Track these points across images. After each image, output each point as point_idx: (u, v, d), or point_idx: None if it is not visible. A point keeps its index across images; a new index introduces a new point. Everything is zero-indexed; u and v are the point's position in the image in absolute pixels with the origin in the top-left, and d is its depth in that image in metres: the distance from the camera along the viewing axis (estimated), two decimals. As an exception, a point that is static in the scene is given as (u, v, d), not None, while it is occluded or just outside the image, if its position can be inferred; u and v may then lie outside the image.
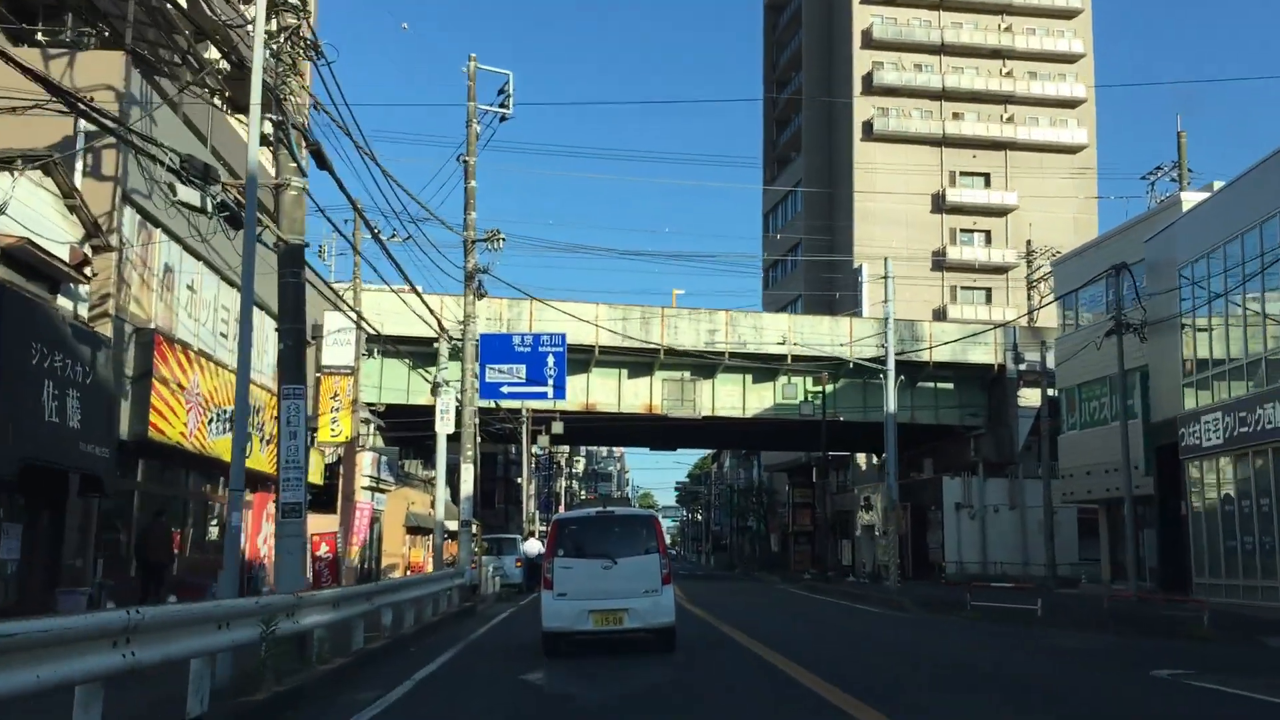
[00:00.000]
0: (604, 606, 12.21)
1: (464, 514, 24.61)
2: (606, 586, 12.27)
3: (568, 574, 12.44)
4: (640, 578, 12.38)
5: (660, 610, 12.41)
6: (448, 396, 25.19)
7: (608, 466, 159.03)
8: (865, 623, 18.68)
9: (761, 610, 22.27)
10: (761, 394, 41.83)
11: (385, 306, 34.09)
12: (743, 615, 19.66)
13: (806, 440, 48.15)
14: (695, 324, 40.26)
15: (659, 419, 42.16)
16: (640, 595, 12.30)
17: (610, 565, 12.38)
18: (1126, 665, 12.07)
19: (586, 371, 40.56)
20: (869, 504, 47.35)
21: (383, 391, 39.49)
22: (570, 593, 12.32)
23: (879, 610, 22.20)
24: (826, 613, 21.39)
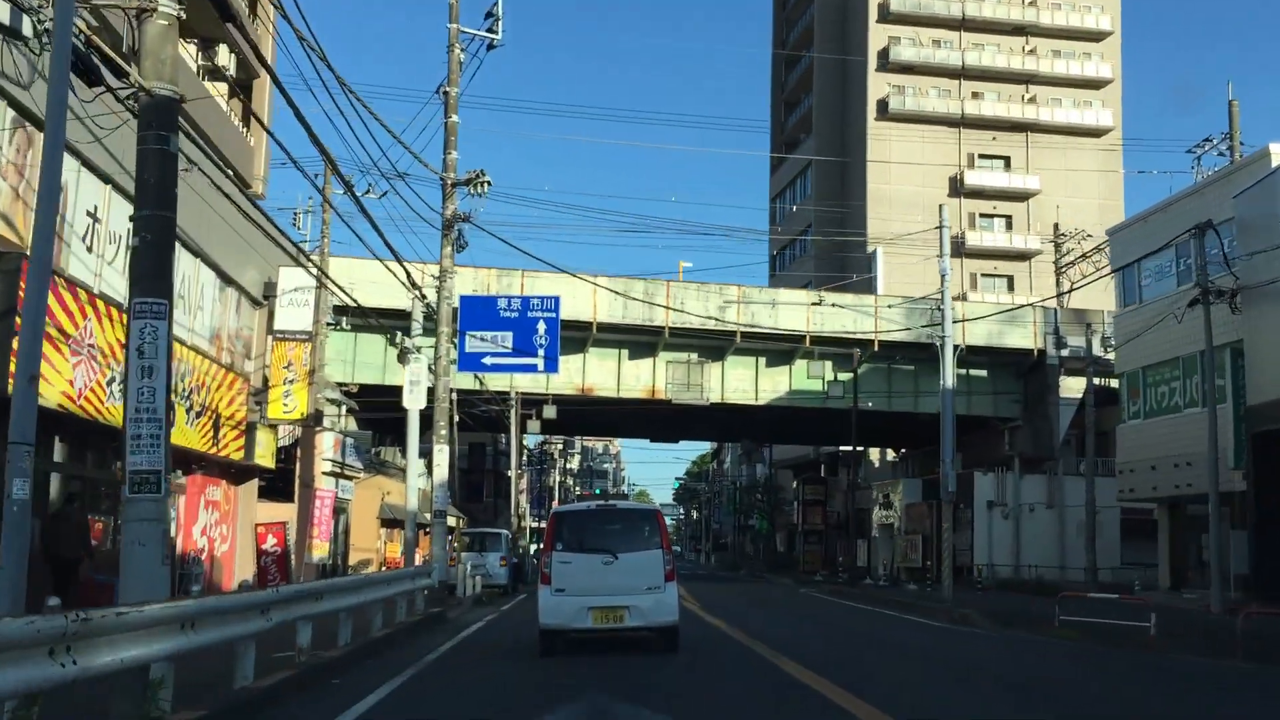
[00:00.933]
0: (604, 603, 11.80)
1: (438, 503, 20.82)
2: (607, 583, 11.86)
3: (566, 569, 11.98)
4: (642, 574, 11.95)
5: (663, 608, 11.97)
6: (418, 365, 21.41)
7: (603, 463, 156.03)
8: (942, 641, 14.86)
9: (793, 621, 18.56)
10: (776, 378, 38.04)
11: (360, 275, 30.44)
12: (774, 629, 15.90)
13: (824, 431, 44.33)
14: (704, 299, 36.46)
15: (662, 405, 38.36)
16: (642, 592, 11.89)
17: (611, 560, 11.93)
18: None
19: (583, 351, 36.77)
20: (888, 501, 43.57)
21: (356, 369, 35.70)
22: (569, 589, 11.87)
23: (942, 624, 18.26)
24: (883, 628, 17.34)
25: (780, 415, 41.26)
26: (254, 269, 22.65)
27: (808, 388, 38.13)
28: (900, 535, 41.65)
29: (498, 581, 24.99)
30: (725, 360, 37.63)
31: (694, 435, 53.69)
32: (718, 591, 30.55)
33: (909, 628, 17.01)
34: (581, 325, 35.60)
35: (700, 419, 42.45)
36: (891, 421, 41.35)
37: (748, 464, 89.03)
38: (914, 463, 49.32)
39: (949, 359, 23.68)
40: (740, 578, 48.56)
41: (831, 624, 18.06)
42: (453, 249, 21.39)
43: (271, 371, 23.26)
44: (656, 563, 12.06)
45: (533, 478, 78.54)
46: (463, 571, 21.14)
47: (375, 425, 38.12)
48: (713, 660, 11.74)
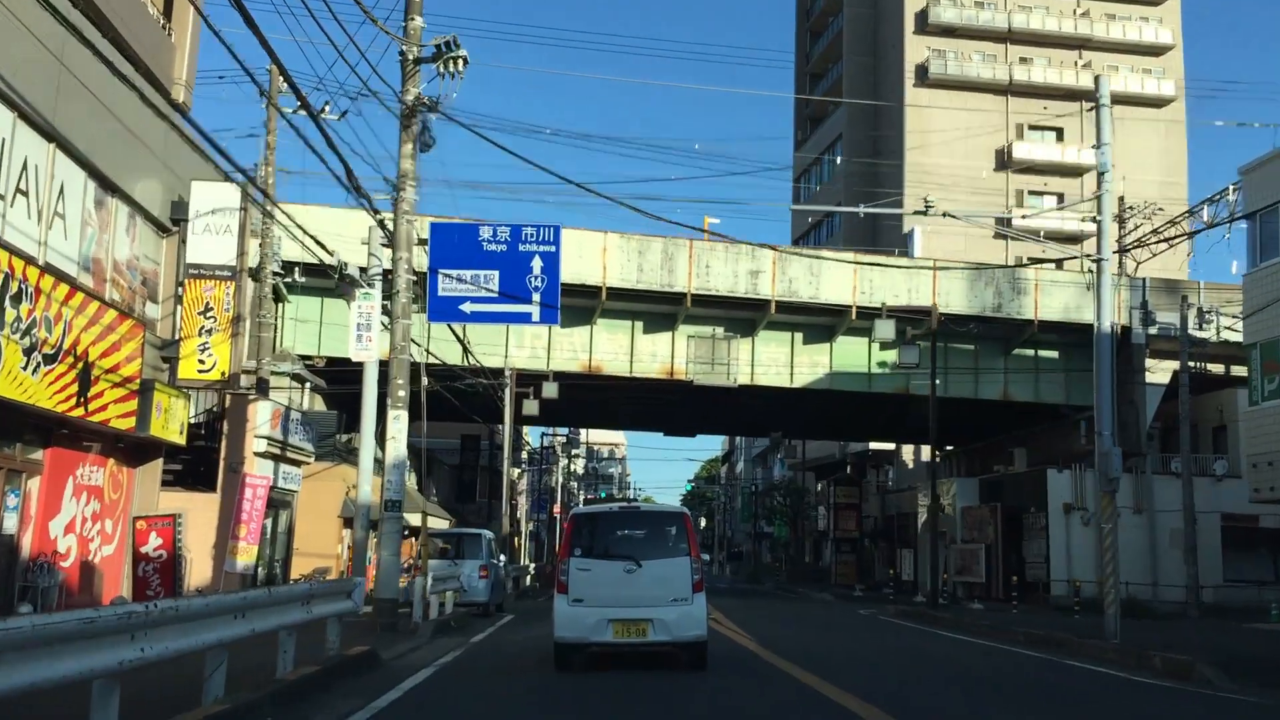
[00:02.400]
0: (626, 615, 11.00)
1: (391, 492, 15.25)
2: (629, 593, 11.06)
3: (585, 577, 11.20)
4: (668, 583, 11.17)
5: (691, 622, 11.16)
6: (369, 302, 15.86)
7: (609, 467, 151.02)
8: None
9: (908, 666, 12.84)
10: (815, 357, 32.45)
11: (327, 226, 25.01)
12: (910, 691, 10.19)
13: (870, 421, 38.71)
14: (733, 262, 30.90)
15: (681, 386, 32.80)
16: (667, 604, 11.08)
17: (634, 568, 11.17)
18: None
19: (590, 323, 31.23)
20: (939, 505, 37.83)
21: (322, 340, 30.19)
22: (587, 598, 11.08)
23: (1157, 682, 11.86)
24: (1091, 691, 11.04)
25: (818, 402, 35.65)
26: (156, 181, 17.17)
27: (851, 368, 32.53)
28: (954, 544, 35.98)
29: (475, 598, 19.41)
30: (756, 335, 32.07)
31: (714, 428, 47.66)
32: (753, 611, 24.94)
33: (1133, 694, 10.71)
34: (588, 290, 30.11)
35: (723, 406, 36.86)
36: (951, 410, 35.69)
37: (763, 466, 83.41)
38: (961, 460, 43.65)
39: (1107, 283, 17.90)
40: (767, 591, 42.87)
41: (980, 677, 11.93)
42: (415, 148, 15.88)
43: (184, 318, 17.76)
44: (684, 571, 11.25)
45: (534, 479, 73.01)
46: (420, 588, 15.51)
47: (347, 406, 32.64)
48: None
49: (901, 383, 32.69)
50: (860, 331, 32.35)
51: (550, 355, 31.06)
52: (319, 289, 29.32)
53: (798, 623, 20.76)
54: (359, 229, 24.55)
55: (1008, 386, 33.11)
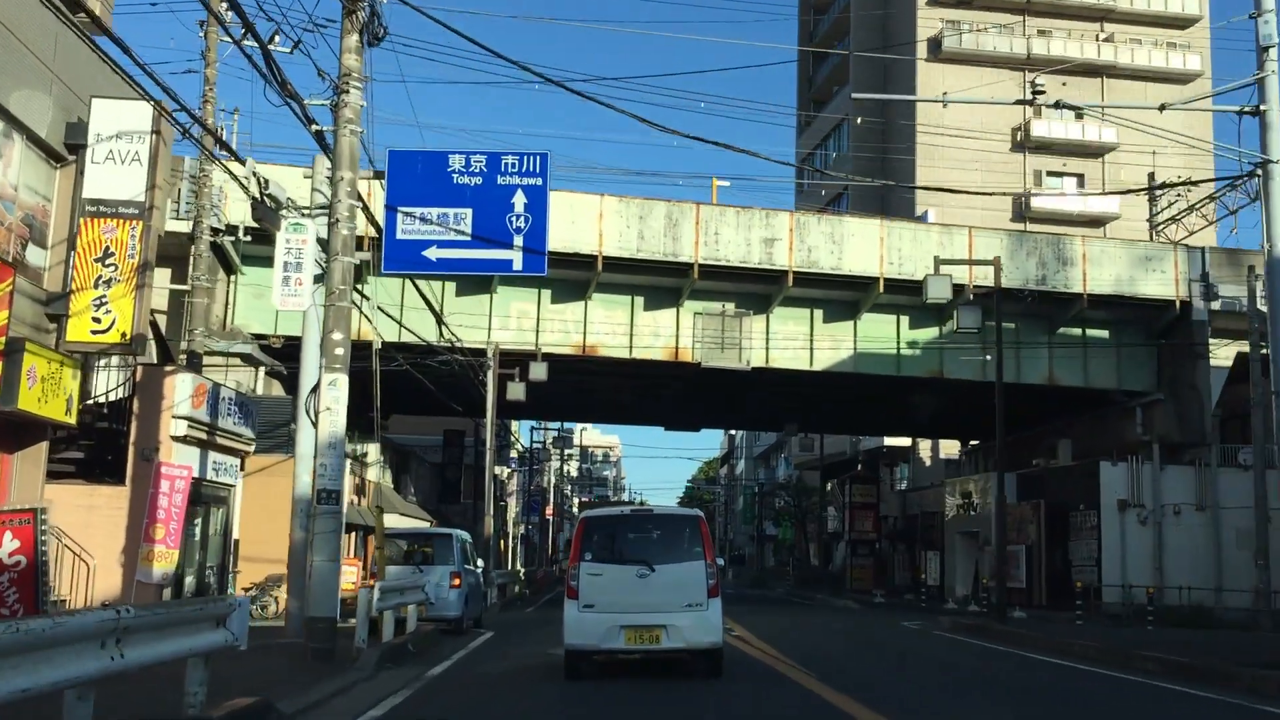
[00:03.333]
0: (638, 622, 10.62)
1: (327, 479, 11.63)
2: (642, 598, 10.68)
3: (596, 582, 10.83)
4: (682, 589, 10.74)
5: (705, 628, 10.74)
6: (298, 235, 12.26)
7: (603, 470, 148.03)
8: None
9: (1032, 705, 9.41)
10: (837, 337, 28.92)
11: (288, 179, 21.53)
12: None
13: (898, 410, 35.15)
14: (745, 229, 27.38)
15: (686, 372, 29.29)
16: (682, 609, 10.66)
17: (647, 573, 10.76)
18: None
19: (584, 298, 27.68)
20: (968, 504, 34.38)
21: (280, 317, 26.52)
22: (599, 604, 10.73)
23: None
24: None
25: (840, 388, 32.14)
26: (44, 96, 13.57)
27: (877, 349, 29.02)
28: (990, 546, 32.44)
29: (444, 612, 15.71)
30: (771, 312, 28.54)
31: (721, 420, 43.80)
32: (776, 623, 21.34)
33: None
34: (582, 260, 26.60)
35: (732, 395, 33.31)
36: (977, 396, 32.22)
37: (765, 466, 79.89)
38: (988, 456, 40.10)
39: (1277, 192, 14.33)
40: (778, 598, 39.25)
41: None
42: (361, 39, 12.27)
43: (77, 266, 14.16)
44: (698, 576, 10.81)
45: (524, 480, 69.43)
46: (364, 603, 11.85)
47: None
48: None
49: (934, 364, 29.21)
50: (888, 308, 28.88)
51: (539, 333, 27.52)
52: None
53: (840, 639, 17.09)
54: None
55: (1053, 369, 29.63)
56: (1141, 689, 11.29)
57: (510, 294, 27.59)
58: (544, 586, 39.32)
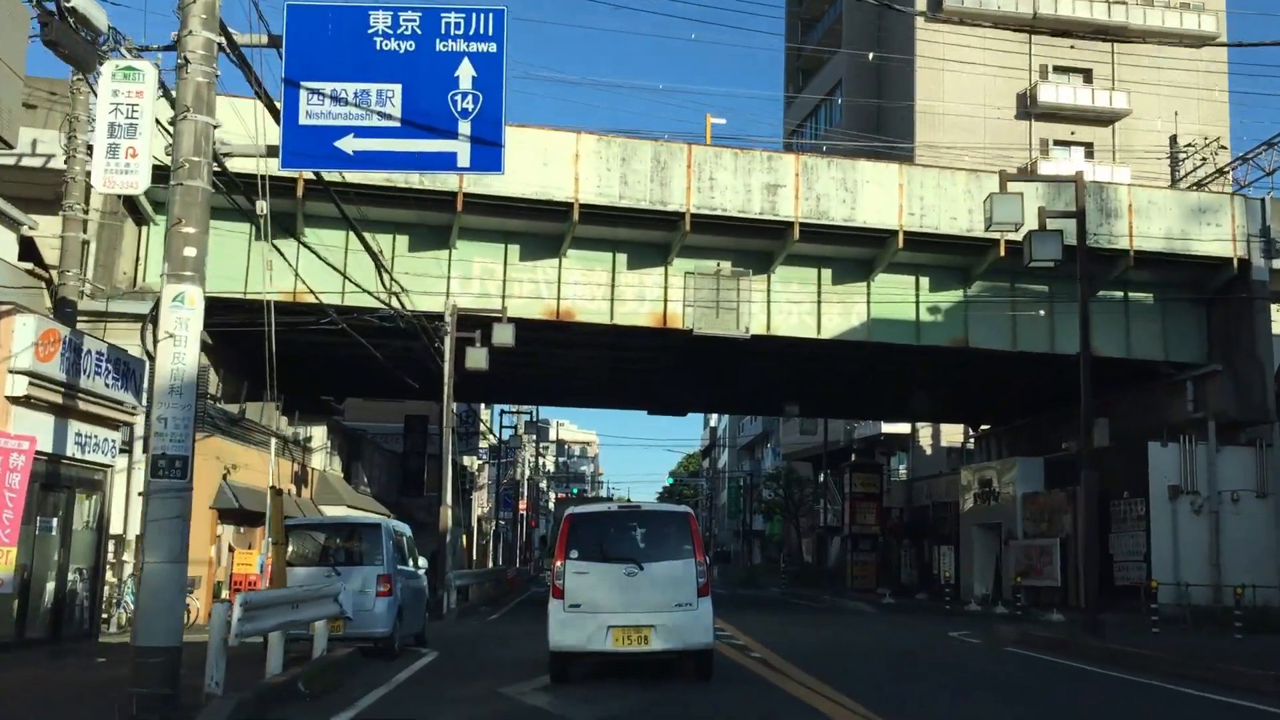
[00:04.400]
0: (626, 622, 10.29)
1: (167, 441, 7.81)
2: (630, 598, 10.40)
3: (582, 581, 10.46)
4: (671, 588, 10.49)
5: (696, 628, 10.47)
6: (131, 85, 8.35)
7: (580, 465, 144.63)
8: None
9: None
10: (848, 301, 25.25)
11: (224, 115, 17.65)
12: None
13: (909, 391, 31.51)
14: (744, 173, 23.66)
15: (677, 338, 25.60)
16: (671, 609, 10.39)
17: (635, 572, 10.53)
18: None
19: (557, 254, 23.88)
20: (989, 492, 30.79)
21: (212, 275, 22.49)
22: (585, 604, 10.35)
23: None
24: None
25: (849, 361, 28.47)
26: None
27: (894, 315, 25.38)
28: (1015, 540, 28.89)
29: (369, 629, 11.70)
30: (773, 271, 24.83)
31: (712, 400, 39.62)
32: (792, 633, 17.64)
33: None
34: (555, 209, 22.84)
35: (726, 367, 29.56)
36: (1001, 369, 28.76)
37: (750, 458, 76.31)
38: (1005, 440, 36.59)
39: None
40: (776, 598, 35.48)
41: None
42: None
43: None
44: (688, 574, 10.55)
45: (497, 474, 65.58)
46: (218, 627, 7.92)
47: (248, 371, 25.20)
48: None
49: (958, 331, 25.58)
50: (906, 267, 25.23)
51: (506, 296, 23.71)
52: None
53: (903, 666, 13.20)
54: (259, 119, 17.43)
55: (1092, 339, 25.98)
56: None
57: (472, 249, 23.76)
58: (515, 587, 35.44)
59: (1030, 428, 34.41)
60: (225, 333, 24.68)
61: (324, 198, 19.26)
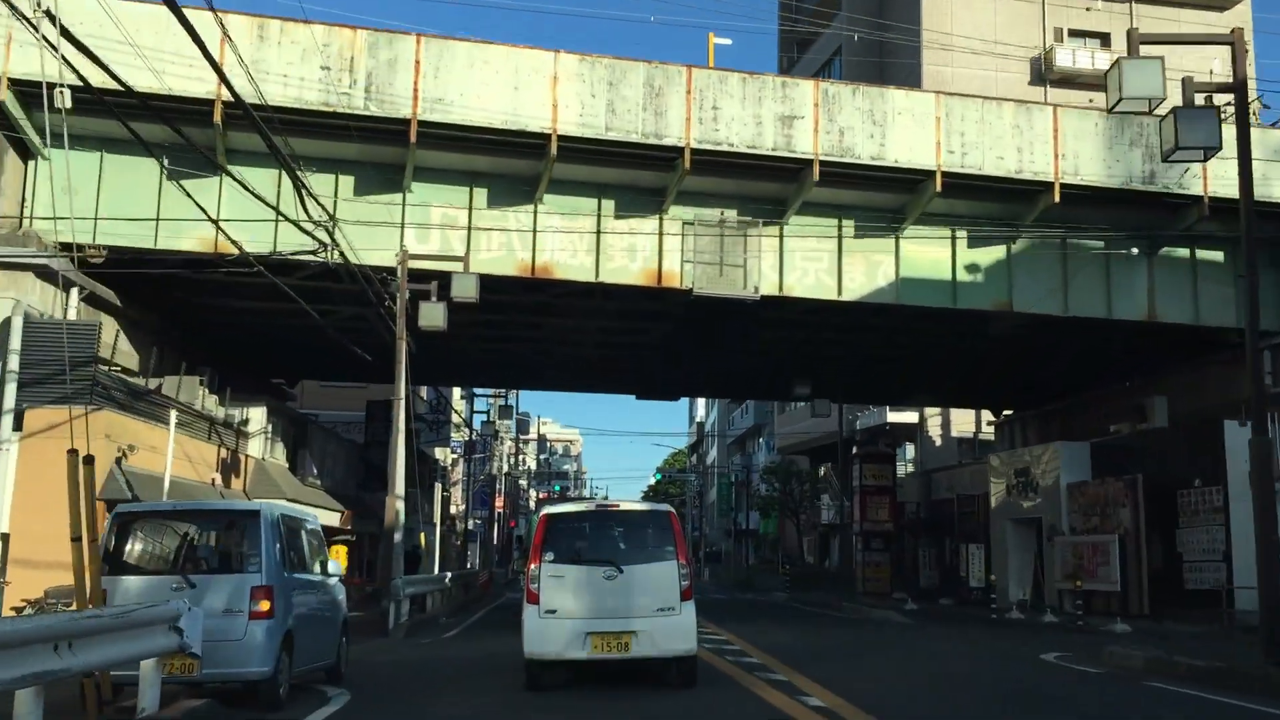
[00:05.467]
0: (605, 628, 9.87)
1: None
2: (609, 602, 9.96)
3: (559, 585, 10.01)
4: (653, 591, 10.05)
5: (679, 633, 10.00)
6: None
7: (563, 463, 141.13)
8: None
9: None
10: (874, 257, 21.52)
11: (112, 33, 14.24)
12: None
13: (933, 369, 27.76)
14: (754, 102, 19.92)
15: (673, 300, 21.90)
16: (652, 614, 9.97)
17: (614, 575, 10.06)
18: None
19: (532, 199, 20.09)
20: (1027, 483, 27.11)
21: (102, 223, 18.67)
22: (561, 609, 9.95)
23: None
24: None
25: (872, 330, 24.80)
26: None
27: (927, 273, 21.70)
28: (1060, 536, 25.24)
29: (235, 669, 7.57)
30: (787, 221, 21.09)
31: (710, 382, 35.17)
32: (836, 652, 13.89)
33: None
34: (529, 144, 19.10)
35: (728, 341, 25.80)
36: (1040, 338, 25.17)
37: (742, 453, 72.63)
38: (1029, 427, 33.00)
39: None
40: (783, 605, 31.58)
41: None
42: None
43: None
44: (670, 577, 10.10)
45: (468, 468, 61.70)
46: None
47: (153, 333, 21.43)
48: None
49: (1000, 293, 21.93)
50: (941, 218, 21.55)
51: (471, 248, 19.87)
52: (100, 138, 18.06)
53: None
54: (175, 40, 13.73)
55: (1154, 301, 22.41)
56: None
57: (430, 194, 19.94)
58: (487, 592, 31.57)
59: (1062, 412, 30.80)
60: (138, 293, 20.88)
61: (249, 127, 15.45)
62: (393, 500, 18.95)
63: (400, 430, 19.33)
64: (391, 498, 19.06)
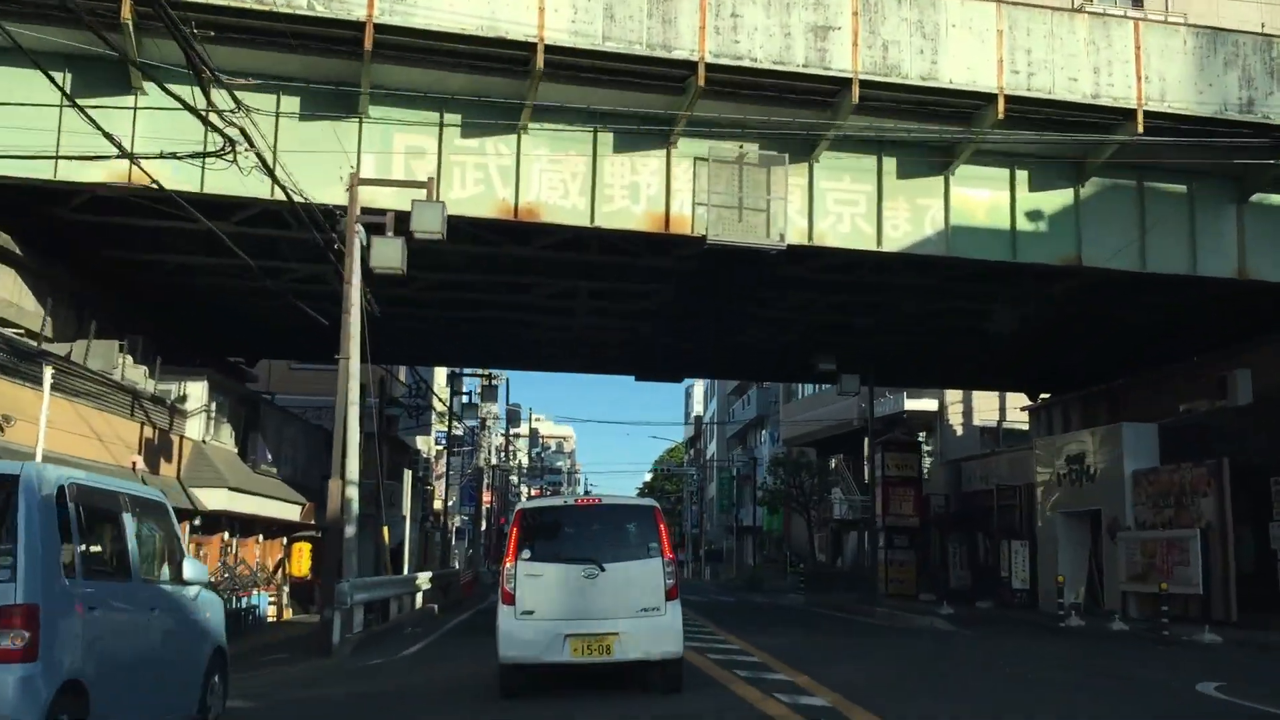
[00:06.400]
0: (586, 630, 9.37)
1: None
2: (589, 602, 9.46)
3: (536, 585, 9.50)
4: (636, 590, 9.55)
5: (664, 635, 9.52)
6: None
7: (556, 460, 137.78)
8: None
9: None
10: (919, 201, 18.21)
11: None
12: None
13: (971, 340, 24.35)
14: (782, 10, 16.55)
15: (682, 252, 18.62)
16: (636, 614, 9.48)
17: (595, 573, 9.51)
18: None
19: (514, 128, 16.73)
20: (1083, 471, 23.80)
21: None
22: (539, 610, 9.44)
23: None
24: None
25: (911, 293, 21.50)
26: None
27: (981, 221, 18.40)
28: (1126, 531, 21.95)
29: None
30: (817, 159, 17.77)
31: (721, 359, 30.75)
32: (911, 683, 10.62)
33: None
34: (512, 60, 15.80)
35: (743, 304, 22.46)
36: (1119, 303, 21.93)
37: (742, 446, 69.31)
38: (1071, 411, 29.73)
39: None
40: (804, 609, 27.97)
41: None
42: None
43: None
44: (654, 575, 9.61)
45: (462, 465, 58.29)
46: None
47: (75, 293, 18.09)
48: None
49: (1068, 247, 18.63)
50: (998, 157, 18.29)
51: (441, 186, 16.50)
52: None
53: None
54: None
55: (1244, 257, 19.12)
56: None
57: (392, 119, 16.55)
58: (469, 595, 28.19)
59: (1111, 393, 27.54)
60: (47, 244, 17.54)
61: (166, 34, 12.11)
62: (339, 485, 15.56)
63: (353, 402, 15.95)
64: (337, 481, 15.66)
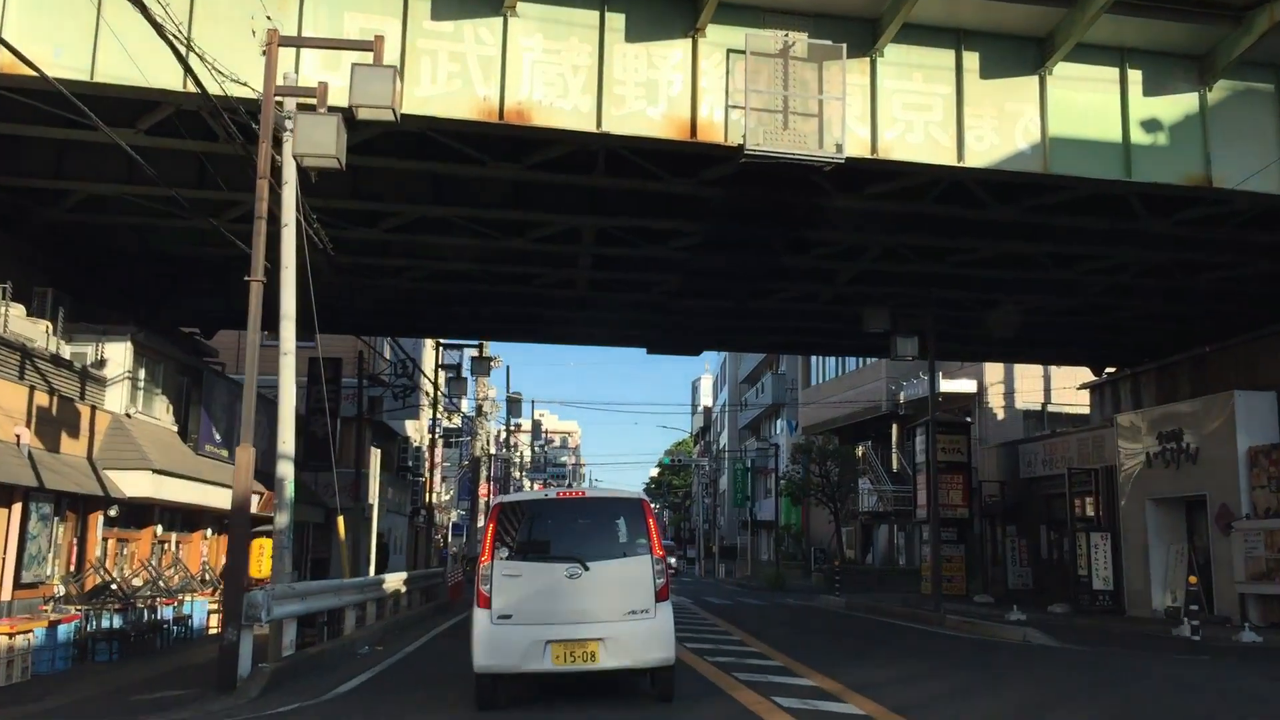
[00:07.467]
0: (569, 635, 8.56)
1: None
2: (573, 605, 8.68)
3: (514, 585, 8.74)
4: (623, 591, 8.77)
5: (654, 640, 8.73)
6: None
7: (560, 455, 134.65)
8: None
9: None
10: (1008, 106, 14.52)
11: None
12: None
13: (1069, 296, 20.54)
14: None
15: (712, 170, 14.97)
16: (623, 618, 8.69)
17: (578, 573, 8.75)
18: None
19: (501, 10, 13.01)
20: (1179, 449, 20.10)
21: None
22: (518, 614, 8.65)
23: None
24: None
25: (996, 230, 17.78)
26: None
27: (1086, 132, 14.69)
28: (1241, 521, 18.24)
29: None
30: (881, 53, 14.08)
31: (751, 329, 25.38)
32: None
33: None
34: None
35: (784, 245, 18.74)
36: (1242, 243, 18.28)
37: (756, 436, 65.65)
38: (1143, 386, 26.03)
39: None
40: (852, 617, 24.11)
41: None
42: None
43: None
44: (644, 575, 8.84)
45: (458, 457, 54.79)
46: None
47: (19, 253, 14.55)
48: None
49: (1193, 164, 14.91)
50: (1106, 52, 14.61)
51: (406, 82, 12.82)
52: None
53: None
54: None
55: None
56: None
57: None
58: (456, 599, 24.55)
59: (1195, 362, 23.85)
60: None
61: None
62: (245, 455, 11.84)
63: (289, 351, 12.28)
64: (244, 450, 11.93)
